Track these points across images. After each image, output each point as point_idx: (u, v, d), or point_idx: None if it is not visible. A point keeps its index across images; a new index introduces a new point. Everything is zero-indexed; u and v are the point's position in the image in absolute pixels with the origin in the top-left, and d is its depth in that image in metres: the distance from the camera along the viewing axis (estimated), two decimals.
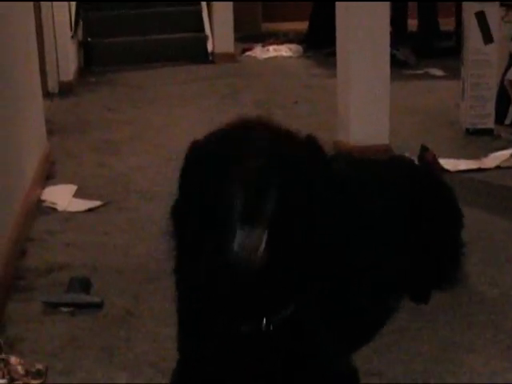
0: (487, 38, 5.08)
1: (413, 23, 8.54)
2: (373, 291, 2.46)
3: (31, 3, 4.98)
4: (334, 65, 4.91)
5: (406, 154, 4.45)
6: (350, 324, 2.30)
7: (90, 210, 4.01)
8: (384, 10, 4.58)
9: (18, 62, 3.93)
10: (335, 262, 2.14)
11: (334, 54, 4.92)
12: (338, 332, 2.18)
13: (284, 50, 8.81)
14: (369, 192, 2.64)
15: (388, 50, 4.63)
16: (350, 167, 2.80)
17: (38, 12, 6.06)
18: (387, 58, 4.62)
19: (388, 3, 4.61)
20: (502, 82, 5.29)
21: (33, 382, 2.44)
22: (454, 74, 6.06)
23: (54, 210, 4.02)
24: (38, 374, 2.48)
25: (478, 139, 5.04)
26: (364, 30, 4.51)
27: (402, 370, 2.46)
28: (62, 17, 6.96)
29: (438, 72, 7.21)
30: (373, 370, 2.40)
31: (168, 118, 5.90)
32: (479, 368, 2.47)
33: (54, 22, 6.81)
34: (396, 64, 6.28)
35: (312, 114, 5.82)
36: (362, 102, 4.60)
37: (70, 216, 3.94)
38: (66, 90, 6.89)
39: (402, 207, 2.74)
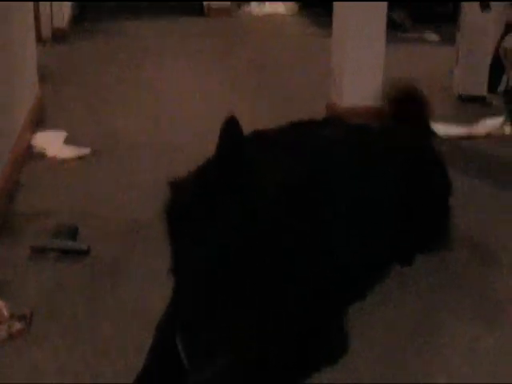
0: (484, 5, 5.06)
1: None
2: (364, 249, 2.48)
3: None
4: (328, 24, 4.88)
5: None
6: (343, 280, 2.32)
7: (79, 157, 4.00)
8: None
9: (12, 6, 3.89)
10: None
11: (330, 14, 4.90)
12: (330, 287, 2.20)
13: (280, 7, 8.77)
14: (357, 156, 2.65)
15: (385, 11, 4.61)
16: (339, 131, 2.81)
17: None
18: (384, 20, 4.60)
19: None
20: (496, 50, 5.28)
21: (17, 325, 2.46)
22: (449, 39, 6.04)
23: (44, 155, 4.01)
24: (23, 319, 2.49)
25: (470, 106, 5.04)
26: None
27: (384, 330, 2.49)
28: None
29: (434, 37, 7.19)
30: (355, 332, 2.42)
31: (161, 71, 5.87)
32: (460, 332, 2.49)
33: None
34: (391, 26, 6.25)
35: (304, 74, 5.80)
36: (356, 64, 4.58)
37: (60, 162, 3.93)
38: (59, 37, 6.84)
39: (391, 172, 2.74)
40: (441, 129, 4.51)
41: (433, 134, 4.20)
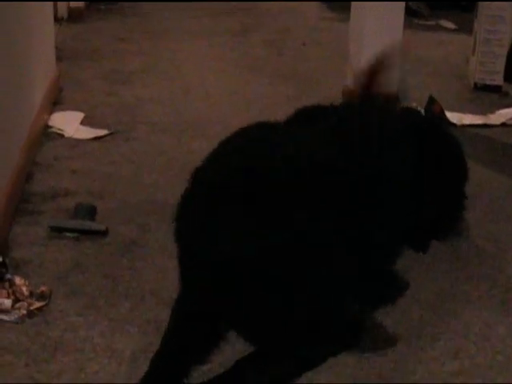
0: None
1: None
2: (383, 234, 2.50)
3: None
4: (345, 8, 4.88)
5: (414, 105, 4.47)
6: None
7: (96, 138, 4.03)
8: None
9: None
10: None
11: None
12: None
13: None
14: (376, 142, 2.66)
15: None
16: (358, 117, 2.82)
17: None
18: (402, 7, 4.61)
19: None
20: None
21: (36, 303, 2.50)
22: (466, 27, 6.03)
23: (61, 136, 4.03)
24: (42, 297, 2.53)
25: (486, 95, 5.04)
26: None
27: (398, 317, 2.51)
28: None
29: (450, 25, 7.17)
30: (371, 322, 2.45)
31: (178, 52, 5.87)
32: (473, 319, 2.53)
33: None
34: (408, 13, 6.24)
35: (321, 58, 5.81)
36: (373, 50, 4.58)
37: (77, 143, 3.96)
38: (75, 16, 6.83)
39: (408, 157, 2.76)
40: (455, 117, 4.53)
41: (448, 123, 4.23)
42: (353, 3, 4.76)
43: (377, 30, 4.54)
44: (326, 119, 2.64)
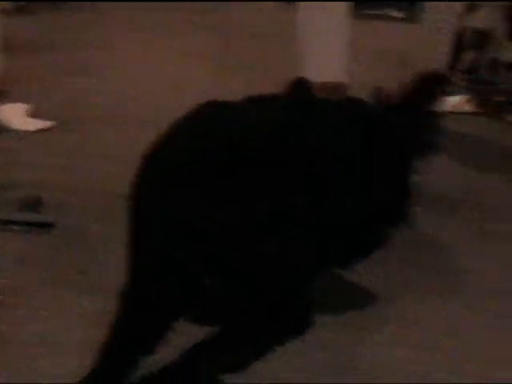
0: None
1: None
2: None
3: None
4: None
5: (361, 94, 4.49)
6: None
7: (44, 129, 3.99)
8: None
9: None
10: None
11: None
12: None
13: None
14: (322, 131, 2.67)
15: None
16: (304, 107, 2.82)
17: None
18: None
19: None
20: (458, 29, 5.32)
21: None
22: (413, 16, 6.08)
23: (7, 128, 3.99)
24: None
25: None
26: None
27: (345, 303, 2.53)
28: None
29: (398, 14, 7.22)
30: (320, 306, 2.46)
31: (130, 44, 5.85)
32: (421, 306, 2.55)
33: None
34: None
35: (273, 49, 5.81)
36: (321, 39, 4.59)
37: (23, 135, 3.92)
38: (23, 8, 6.75)
39: (353, 146, 2.76)
40: None
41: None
42: None
43: (323, 18, 4.55)
44: (273, 107, 2.64)
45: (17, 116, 4.11)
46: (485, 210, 3.33)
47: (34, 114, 4.18)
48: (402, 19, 7.02)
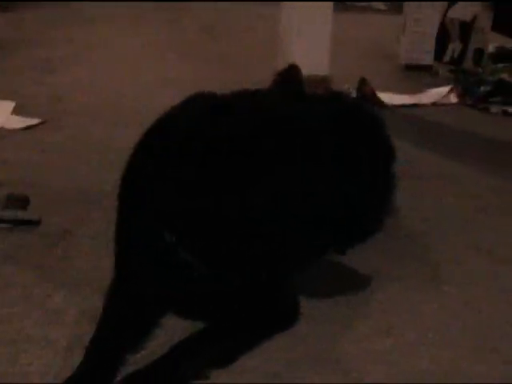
0: None
1: None
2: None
3: None
4: None
5: (346, 86, 4.52)
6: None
7: (28, 127, 3.99)
8: None
9: None
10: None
11: None
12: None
13: None
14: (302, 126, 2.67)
15: None
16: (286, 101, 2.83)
17: None
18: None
19: None
20: (443, 19, 5.35)
21: None
22: (396, 8, 6.10)
23: None
24: None
25: (416, 75, 5.12)
26: None
27: (328, 296, 2.54)
28: None
29: (381, 6, 7.24)
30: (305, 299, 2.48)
31: (108, 39, 5.84)
32: (403, 297, 2.57)
33: None
34: None
35: (258, 43, 5.82)
36: (304, 32, 4.61)
37: (8, 133, 3.92)
38: (2, 5, 6.73)
39: (331, 140, 2.76)
40: (386, 97, 4.59)
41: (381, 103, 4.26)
42: None
43: (306, 12, 4.57)
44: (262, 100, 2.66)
45: (2, 114, 4.11)
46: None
47: (17, 112, 4.17)
48: (386, 11, 7.04)
